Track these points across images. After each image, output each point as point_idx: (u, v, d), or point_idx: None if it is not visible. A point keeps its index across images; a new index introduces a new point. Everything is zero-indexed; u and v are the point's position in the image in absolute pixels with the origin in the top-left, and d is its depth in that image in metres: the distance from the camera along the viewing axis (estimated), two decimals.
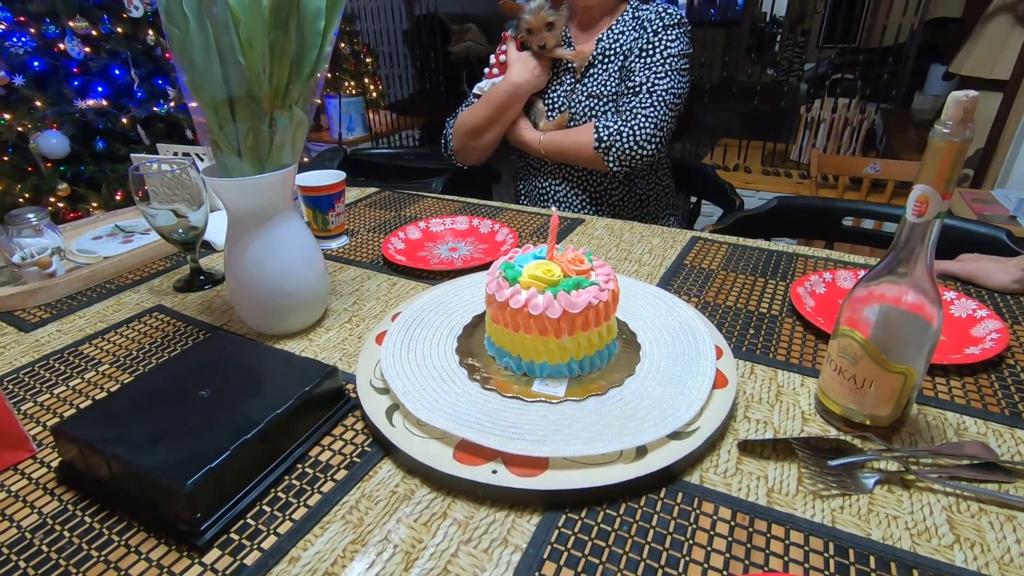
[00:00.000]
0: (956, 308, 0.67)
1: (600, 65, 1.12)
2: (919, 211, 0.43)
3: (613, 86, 1.10)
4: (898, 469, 0.46)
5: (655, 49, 1.06)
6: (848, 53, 3.75)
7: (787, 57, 4.52)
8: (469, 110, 1.19)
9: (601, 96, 1.11)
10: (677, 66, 1.07)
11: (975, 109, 0.39)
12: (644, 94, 1.05)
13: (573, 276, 0.53)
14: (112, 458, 0.43)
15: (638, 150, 1.05)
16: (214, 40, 0.55)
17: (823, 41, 5.26)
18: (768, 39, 5.10)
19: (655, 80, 1.05)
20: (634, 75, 1.07)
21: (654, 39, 1.07)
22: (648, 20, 1.09)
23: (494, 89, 1.14)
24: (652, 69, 1.06)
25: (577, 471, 0.45)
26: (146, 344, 0.67)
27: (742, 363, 0.60)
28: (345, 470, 0.48)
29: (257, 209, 0.62)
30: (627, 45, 1.10)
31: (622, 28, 1.11)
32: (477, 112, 1.17)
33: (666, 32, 1.07)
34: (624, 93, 1.08)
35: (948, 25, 4.03)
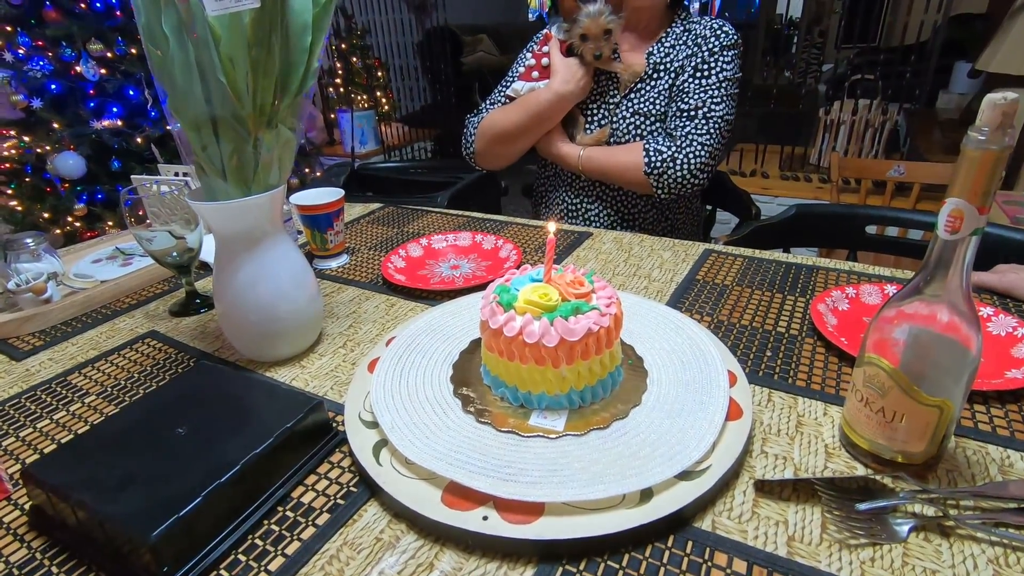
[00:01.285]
0: (994, 326, 0.62)
1: (649, 81, 1.05)
2: (952, 227, 0.38)
3: (662, 105, 1.04)
4: (935, 514, 0.41)
5: (711, 70, 1.01)
6: (868, 53, 3.66)
7: (804, 58, 4.43)
8: (502, 112, 1.10)
9: (648, 114, 1.05)
10: (731, 91, 1.01)
11: (1015, 113, 0.35)
12: (700, 119, 0.99)
13: (572, 300, 0.50)
14: (77, 505, 0.40)
15: (691, 179, 0.99)
16: (194, 59, 0.53)
17: (841, 41, 5.16)
18: (784, 41, 5.02)
19: (711, 105, 0.99)
20: (688, 96, 1.01)
21: (709, 59, 1.01)
22: (703, 37, 1.02)
23: (533, 95, 1.06)
24: (708, 92, 1.00)
25: (576, 517, 0.41)
26: (135, 373, 0.65)
27: (758, 390, 0.56)
28: (328, 513, 0.45)
29: (244, 232, 0.59)
30: (679, 62, 1.03)
31: (673, 42, 1.05)
32: (512, 117, 1.08)
33: (722, 53, 1.01)
34: (677, 115, 1.02)
35: (973, 21, 3.92)
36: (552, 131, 1.10)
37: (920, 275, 0.41)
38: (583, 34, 1.00)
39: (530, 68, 1.10)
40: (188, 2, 0.52)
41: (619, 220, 1.14)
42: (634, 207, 1.13)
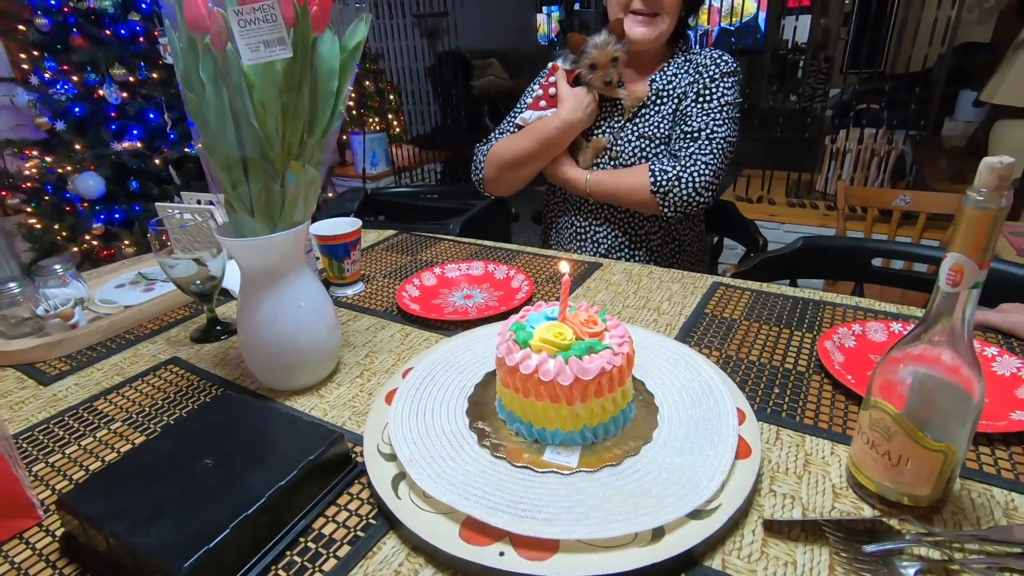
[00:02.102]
0: (998, 366, 0.63)
1: (652, 106, 1.10)
2: (953, 280, 0.40)
3: (665, 129, 1.08)
4: (941, 557, 0.42)
5: (712, 95, 1.05)
6: (873, 80, 3.70)
7: (811, 83, 4.48)
8: (510, 140, 1.15)
9: (652, 138, 1.09)
10: (733, 114, 1.06)
11: (1011, 176, 0.37)
12: (703, 140, 1.03)
13: (586, 339, 0.52)
14: (110, 534, 0.42)
15: (696, 196, 1.03)
16: (228, 104, 0.56)
17: (848, 67, 5.22)
18: (791, 66, 5.08)
19: (714, 127, 1.04)
20: (691, 119, 1.05)
21: (711, 85, 1.06)
22: (704, 65, 1.08)
23: (542, 123, 1.11)
24: (710, 115, 1.05)
25: (590, 555, 0.42)
26: (158, 400, 0.67)
27: (766, 427, 0.57)
28: (348, 545, 0.46)
29: (270, 267, 0.62)
30: (681, 88, 1.08)
31: (675, 71, 1.10)
32: (521, 144, 1.13)
33: (723, 80, 1.06)
34: (680, 137, 1.06)
35: (977, 50, 3.96)
36: (559, 157, 1.14)
37: (923, 324, 0.43)
38: (592, 64, 1.06)
39: (538, 98, 1.15)
40: (224, 51, 0.55)
41: (627, 242, 1.17)
42: (641, 228, 1.15)
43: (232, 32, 0.53)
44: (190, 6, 0.54)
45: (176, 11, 0.55)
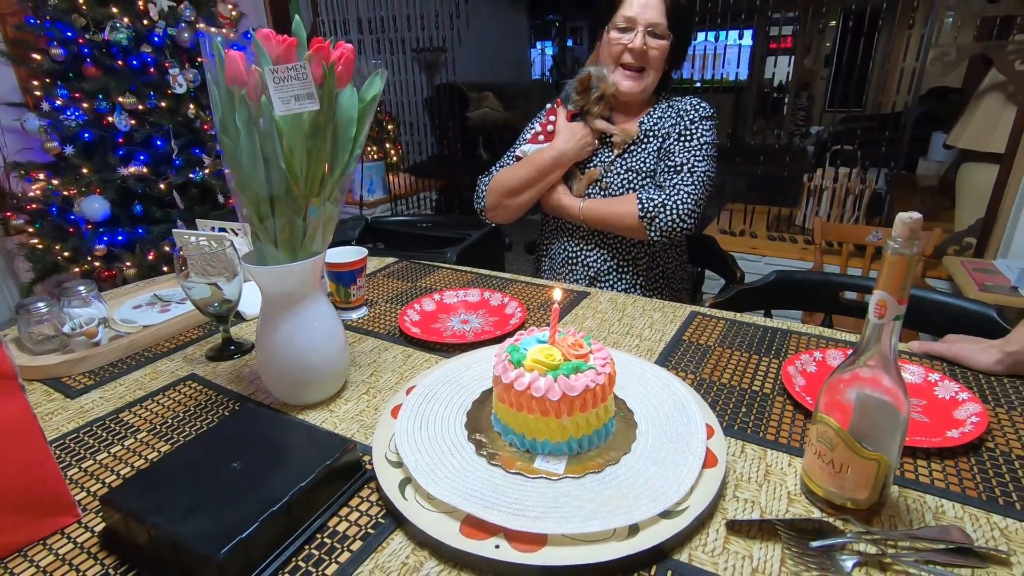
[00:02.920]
0: (940, 390, 0.71)
1: (640, 143, 1.22)
2: (879, 313, 0.48)
3: (651, 164, 1.21)
4: (876, 552, 0.49)
5: (692, 135, 1.18)
6: (852, 120, 3.87)
7: (793, 120, 4.67)
8: (509, 170, 1.27)
9: (639, 171, 1.21)
10: (711, 152, 1.18)
11: (920, 228, 0.45)
12: (685, 173, 1.15)
13: (572, 360, 0.59)
14: (152, 527, 0.48)
15: (679, 222, 1.13)
16: (260, 148, 0.64)
17: (828, 105, 5.45)
18: (773, 104, 5.28)
19: (695, 162, 1.16)
20: (674, 156, 1.18)
21: (691, 127, 1.19)
22: (684, 111, 1.21)
23: (539, 153, 1.23)
24: (691, 152, 1.17)
25: (574, 548, 0.48)
26: (180, 413, 0.73)
27: (733, 442, 0.64)
28: (360, 541, 0.52)
29: (289, 292, 0.68)
30: (665, 129, 1.21)
31: (660, 114, 1.22)
32: (519, 173, 1.25)
33: (701, 123, 1.19)
34: (664, 171, 1.18)
35: (949, 95, 4.17)
36: (555, 187, 1.25)
37: (858, 351, 0.50)
38: (601, 95, 1.18)
39: (536, 134, 1.27)
40: (259, 102, 0.63)
41: (616, 267, 1.26)
42: (629, 253, 1.25)
43: (267, 86, 0.61)
44: (231, 63, 0.62)
45: (218, 67, 0.63)
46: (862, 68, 4.85)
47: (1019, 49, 1.91)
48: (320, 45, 0.63)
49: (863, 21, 4.22)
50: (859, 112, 4.77)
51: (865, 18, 3.98)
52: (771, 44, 5.66)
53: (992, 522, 0.52)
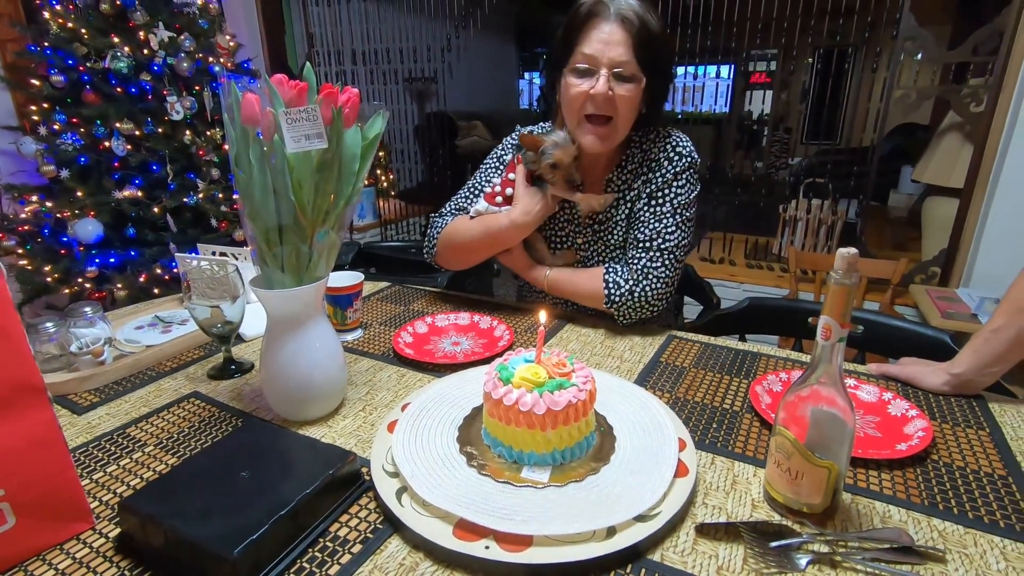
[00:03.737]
0: (893, 407, 0.77)
1: (609, 210, 1.09)
2: (825, 336, 0.54)
3: (620, 234, 1.09)
4: (828, 551, 0.55)
5: (664, 198, 1.04)
6: (826, 154, 4.04)
7: (773, 151, 4.84)
8: (463, 227, 1.12)
9: (608, 243, 1.10)
10: (686, 215, 1.05)
11: (857, 261, 0.52)
12: (655, 251, 1.02)
13: (556, 378, 0.64)
14: (169, 529, 0.52)
15: (648, 307, 1.02)
16: (271, 181, 0.70)
17: (806, 137, 5.67)
18: (751, 136, 5.48)
19: (666, 235, 1.02)
20: (644, 225, 1.04)
21: (664, 187, 1.04)
22: (657, 162, 1.05)
23: (495, 219, 1.09)
24: (662, 221, 1.03)
25: (557, 548, 0.53)
26: (185, 428, 0.76)
27: (704, 455, 0.70)
28: (360, 544, 0.56)
29: (293, 314, 0.73)
30: (635, 190, 1.07)
31: (633, 167, 1.08)
32: (472, 232, 1.11)
33: (676, 180, 1.04)
34: (634, 244, 1.05)
35: (917, 131, 4.38)
36: (517, 254, 1.13)
37: (810, 368, 0.57)
38: (554, 163, 1.02)
39: (494, 192, 1.12)
40: (271, 141, 0.69)
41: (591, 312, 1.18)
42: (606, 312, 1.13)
43: (280, 126, 0.67)
44: (247, 105, 0.68)
45: (235, 108, 0.69)
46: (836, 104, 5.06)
47: (973, 92, 2.05)
48: (329, 91, 0.69)
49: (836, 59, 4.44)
50: (834, 145, 4.96)
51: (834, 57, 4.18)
52: (751, 79, 5.89)
53: (932, 525, 0.58)
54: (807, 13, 2.55)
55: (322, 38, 3.51)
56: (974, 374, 0.79)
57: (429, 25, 3.43)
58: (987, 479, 0.65)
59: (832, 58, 4.01)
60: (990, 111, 1.97)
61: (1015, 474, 0.65)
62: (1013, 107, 1.90)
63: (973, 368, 0.79)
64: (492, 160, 1.22)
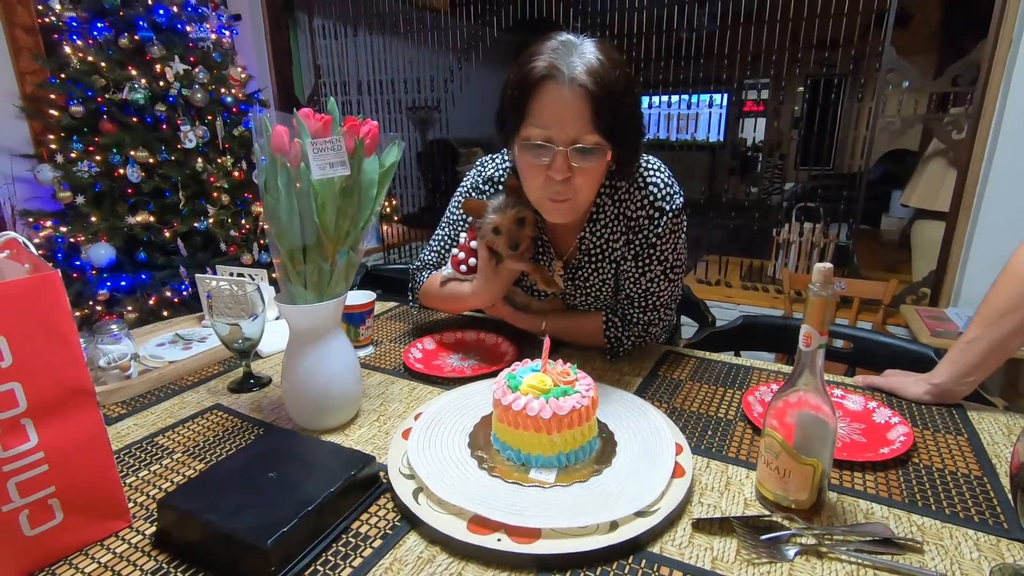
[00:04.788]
0: (877, 415, 0.82)
1: (589, 266, 1.02)
2: (807, 343, 0.59)
3: (608, 291, 1.05)
4: (815, 543, 0.59)
5: (652, 259, 0.98)
6: (819, 179, 4.14)
7: (768, 177, 4.95)
8: (435, 290, 1.11)
9: (596, 295, 1.06)
10: (678, 268, 1.01)
11: (832, 274, 0.57)
12: (651, 309, 1.01)
13: (561, 385, 0.69)
14: (206, 523, 0.56)
15: (651, 343, 1.07)
16: (297, 205, 0.76)
17: (800, 163, 5.80)
18: (749, 162, 5.61)
19: (659, 293, 1.00)
20: (636, 284, 1.00)
21: (649, 249, 0.97)
22: (636, 222, 0.97)
23: (460, 289, 1.06)
24: (654, 283, 0.99)
25: (564, 540, 0.57)
26: (210, 436, 0.81)
27: (700, 459, 0.74)
28: (380, 540, 0.60)
29: (314, 328, 0.79)
30: (617, 250, 1.00)
31: (607, 223, 0.99)
32: (441, 297, 1.11)
33: (659, 240, 0.96)
34: (628, 301, 1.02)
35: (906, 157, 4.50)
36: (502, 308, 1.11)
37: (794, 374, 0.62)
38: (495, 228, 0.95)
39: (457, 260, 1.07)
40: (298, 168, 0.75)
41: None
42: None
43: (306, 155, 0.73)
44: (276, 136, 0.74)
45: (265, 138, 0.75)
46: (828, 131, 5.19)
47: (954, 120, 2.14)
48: (352, 123, 0.76)
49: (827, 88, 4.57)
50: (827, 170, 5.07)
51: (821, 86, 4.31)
52: (744, 107, 6.05)
53: (911, 520, 0.62)
54: (796, 44, 2.67)
55: (329, 69, 3.63)
56: (952, 384, 0.84)
57: (433, 57, 3.56)
58: (964, 479, 0.69)
59: (821, 87, 4.14)
60: (971, 138, 2.06)
61: (990, 475, 0.70)
62: (992, 134, 1.99)
63: (951, 378, 0.84)
64: (456, 201, 1.17)
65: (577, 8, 3.09)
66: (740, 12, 2.72)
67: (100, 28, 2.30)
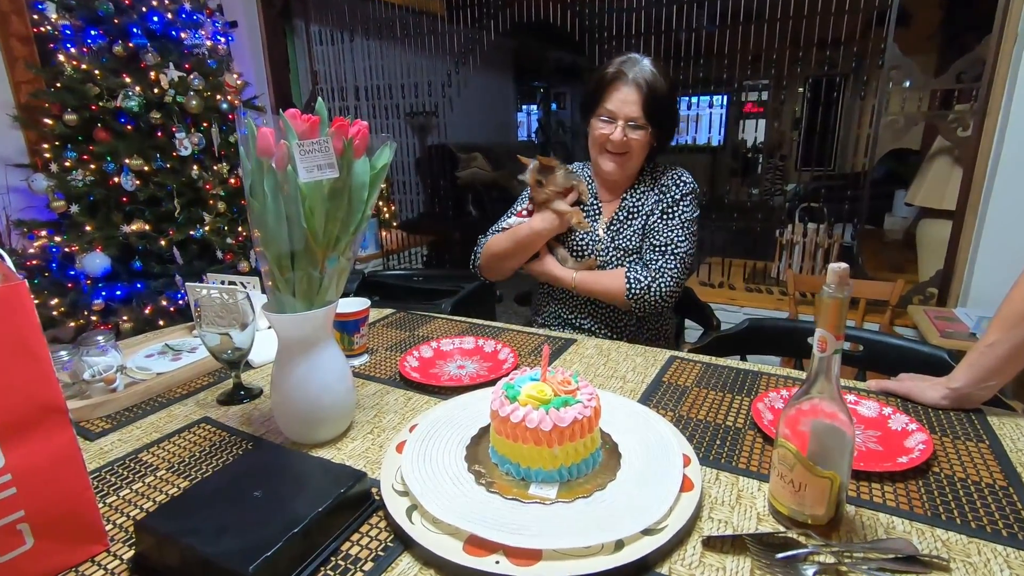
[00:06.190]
0: (893, 422, 0.79)
1: (625, 221, 1.32)
2: (822, 348, 0.56)
3: (636, 241, 1.31)
4: (834, 561, 0.55)
5: (675, 213, 1.29)
6: (823, 179, 4.10)
7: (768, 179, 4.92)
8: (496, 238, 1.39)
9: (626, 249, 1.31)
10: (692, 229, 1.29)
11: (848, 275, 0.54)
12: (669, 255, 1.26)
13: (562, 395, 0.66)
14: (186, 547, 0.53)
15: (662, 302, 1.24)
16: (284, 209, 0.73)
17: (800, 164, 5.76)
18: (747, 163, 5.59)
19: (677, 242, 1.26)
20: (658, 234, 1.28)
21: (673, 205, 1.29)
22: (666, 186, 1.31)
23: (519, 228, 1.35)
24: (674, 231, 1.27)
25: (566, 561, 0.54)
26: (196, 452, 0.78)
27: (709, 470, 0.71)
28: (372, 562, 0.57)
29: (304, 337, 0.75)
30: (648, 206, 1.31)
31: (644, 190, 1.33)
32: (502, 242, 1.37)
33: (683, 200, 1.30)
34: (650, 249, 1.28)
35: (909, 156, 4.46)
36: (547, 259, 1.36)
37: (808, 381, 0.58)
38: (539, 180, 1.30)
39: (522, 211, 1.40)
40: (285, 171, 0.72)
41: (606, 329, 1.34)
42: (619, 320, 1.34)
43: (293, 157, 0.70)
44: (262, 138, 0.71)
45: (250, 140, 0.72)
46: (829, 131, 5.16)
47: (959, 118, 2.11)
48: (341, 124, 0.73)
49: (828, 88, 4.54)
50: (828, 171, 5.04)
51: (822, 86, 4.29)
52: (744, 108, 6.03)
53: (935, 535, 0.59)
54: (796, 44, 2.64)
55: (326, 75, 3.62)
56: (972, 388, 0.81)
57: (430, 61, 3.54)
58: (988, 490, 0.66)
59: (822, 87, 4.12)
60: (976, 135, 2.02)
61: (1016, 484, 0.66)
62: (999, 131, 1.95)
63: (970, 382, 0.80)
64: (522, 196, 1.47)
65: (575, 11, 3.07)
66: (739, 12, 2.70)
67: (94, 36, 2.28)
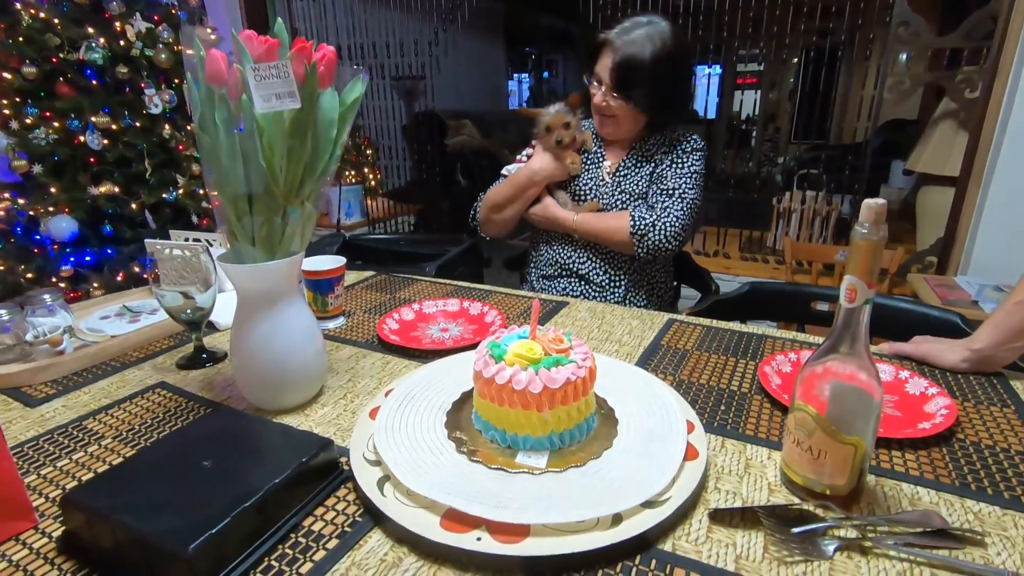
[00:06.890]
0: (911, 386, 0.73)
1: (633, 167, 1.28)
2: (850, 298, 0.49)
3: (643, 186, 1.26)
4: (856, 536, 0.49)
5: (684, 164, 1.24)
6: (818, 149, 4.02)
7: (763, 151, 4.84)
8: (495, 188, 1.35)
9: (632, 193, 1.26)
10: (699, 182, 1.25)
11: (885, 213, 0.47)
12: (676, 198, 1.21)
13: (553, 354, 0.59)
14: (117, 525, 0.46)
15: (666, 243, 1.18)
16: (240, 146, 0.64)
17: (795, 137, 5.67)
18: (742, 135, 5.49)
19: (685, 188, 1.22)
20: (666, 180, 1.23)
21: (683, 156, 1.25)
22: (677, 140, 1.27)
23: (517, 172, 1.31)
24: (682, 179, 1.23)
25: (557, 538, 0.47)
26: (148, 419, 0.70)
27: (713, 438, 0.64)
28: (337, 539, 0.50)
29: (266, 292, 0.67)
30: (658, 156, 1.27)
31: (654, 143, 1.28)
32: (501, 190, 1.33)
33: (693, 153, 1.26)
34: (656, 193, 1.24)
35: (906, 126, 4.38)
36: (546, 200, 1.31)
37: (831, 337, 0.52)
38: (547, 127, 1.26)
39: (521, 158, 1.36)
40: (239, 101, 0.63)
41: (605, 275, 1.28)
42: (620, 266, 1.28)
43: (248, 85, 0.61)
44: (211, 62, 0.62)
45: (198, 66, 0.63)
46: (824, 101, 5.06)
47: (967, 79, 2.03)
48: (302, 45, 0.63)
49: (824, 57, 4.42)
50: (823, 143, 4.96)
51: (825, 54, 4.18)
52: (738, 80, 5.89)
53: (966, 507, 0.53)
54: (795, 12, 2.53)
55: (307, 33, 3.45)
56: (995, 349, 0.75)
57: (415, 20, 3.38)
58: (1019, 457, 0.60)
59: (820, 55, 4.01)
60: (985, 97, 1.94)
61: None
62: (1008, 92, 1.87)
63: (994, 343, 0.74)
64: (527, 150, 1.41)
65: None
66: None
67: None
